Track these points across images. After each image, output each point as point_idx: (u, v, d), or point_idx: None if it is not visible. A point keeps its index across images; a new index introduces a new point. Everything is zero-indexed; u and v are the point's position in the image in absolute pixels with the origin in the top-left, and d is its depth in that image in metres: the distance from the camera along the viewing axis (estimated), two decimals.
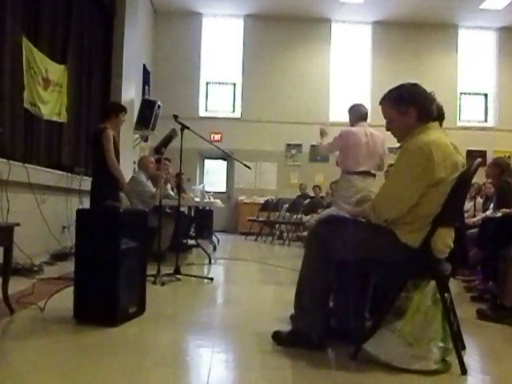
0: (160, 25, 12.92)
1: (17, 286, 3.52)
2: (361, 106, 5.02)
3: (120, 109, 5.31)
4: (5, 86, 5.07)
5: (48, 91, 6.13)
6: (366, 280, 2.61)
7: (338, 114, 11.73)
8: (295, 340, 2.48)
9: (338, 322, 2.67)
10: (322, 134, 5.12)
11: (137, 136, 9.57)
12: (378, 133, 4.94)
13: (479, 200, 6.63)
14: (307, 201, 10.35)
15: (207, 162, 13.73)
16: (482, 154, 11.80)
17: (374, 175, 4.91)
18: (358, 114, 4.95)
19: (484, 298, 3.96)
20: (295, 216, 10.03)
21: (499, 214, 4.48)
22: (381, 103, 2.55)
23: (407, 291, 2.32)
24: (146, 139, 10.42)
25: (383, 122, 2.55)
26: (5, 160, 4.39)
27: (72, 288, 2.92)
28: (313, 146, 12.56)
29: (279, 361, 2.34)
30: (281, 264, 6.19)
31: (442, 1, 11.87)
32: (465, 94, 13.64)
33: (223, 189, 13.49)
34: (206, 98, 13.54)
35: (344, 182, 4.92)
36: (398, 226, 2.35)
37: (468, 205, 6.31)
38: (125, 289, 2.86)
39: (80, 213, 2.99)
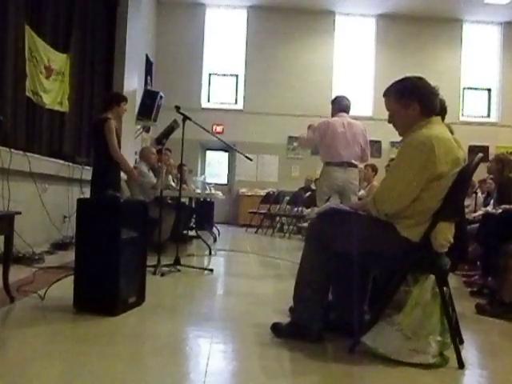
0: (163, 15, 12.85)
1: (17, 274, 3.53)
2: (343, 97, 5.02)
3: (121, 98, 5.30)
4: (7, 75, 5.06)
5: (50, 80, 6.11)
6: (365, 273, 2.61)
7: None
8: (294, 332, 2.49)
9: (337, 314, 2.68)
10: (310, 127, 5.11)
11: (138, 127, 9.56)
12: (357, 122, 4.94)
13: (480, 195, 6.63)
14: (308, 193, 10.35)
15: (209, 154, 13.71)
16: (485, 149, 11.78)
17: (356, 166, 4.89)
18: (338, 106, 4.95)
19: (483, 293, 3.97)
20: (296, 209, 10.04)
21: (499, 210, 4.48)
22: (384, 95, 2.53)
23: (406, 285, 2.33)
24: (147, 130, 10.42)
25: (385, 115, 2.54)
26: (6, 149, 4.38)
27: (72, 277, 2.93)
28: (290, 137, 12.56)
29: (278, 352, 2.35)
30: (281, 256, 6.21)
31: None
32: (468, 88, 13.58)
33: (224, 181, 13.49)
34: (209, 89, 13.50)
35: (324, 174, 4.92)
36: (398, 219, 2.35)
37: (468, 200, 6.31)
38: (125, 279, 2.86)
39: (81, 202, 3.00)
